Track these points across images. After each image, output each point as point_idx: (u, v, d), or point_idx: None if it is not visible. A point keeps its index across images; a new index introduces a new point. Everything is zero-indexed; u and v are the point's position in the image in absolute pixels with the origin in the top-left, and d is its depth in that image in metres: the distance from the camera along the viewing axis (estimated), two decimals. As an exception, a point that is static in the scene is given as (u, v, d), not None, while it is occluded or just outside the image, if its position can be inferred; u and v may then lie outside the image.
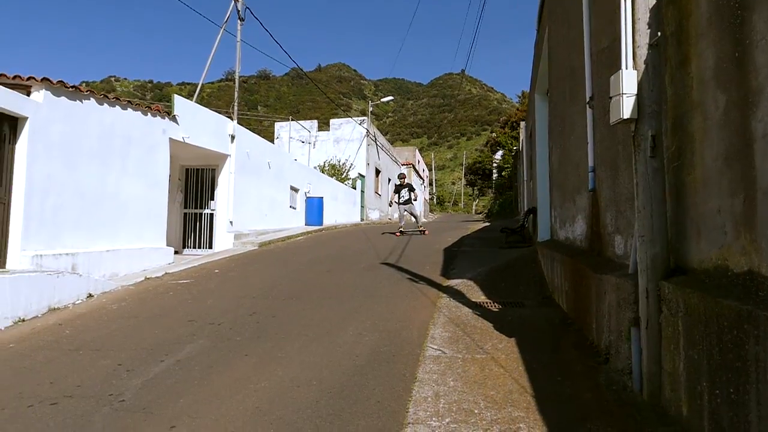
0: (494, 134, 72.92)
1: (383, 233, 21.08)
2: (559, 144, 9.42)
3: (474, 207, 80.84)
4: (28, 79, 9.71)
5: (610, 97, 4.47)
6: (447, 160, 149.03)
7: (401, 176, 20.40)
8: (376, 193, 39.11)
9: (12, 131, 9.32)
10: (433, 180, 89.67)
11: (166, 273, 11.81)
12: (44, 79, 9.82)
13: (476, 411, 4.47)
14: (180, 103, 14.47)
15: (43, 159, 9.72)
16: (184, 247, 17.18)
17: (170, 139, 13.71)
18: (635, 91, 4.27)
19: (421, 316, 7.78)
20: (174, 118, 13.93)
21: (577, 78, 7.50)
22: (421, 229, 20.50)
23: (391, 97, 49.74)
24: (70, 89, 10.42)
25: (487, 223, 29.89)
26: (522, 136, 27.99)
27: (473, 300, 8.58)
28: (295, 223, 22.80)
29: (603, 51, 5.94)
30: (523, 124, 29.07)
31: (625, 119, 4.29)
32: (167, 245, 13.64)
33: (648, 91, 4.23)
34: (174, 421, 4.63)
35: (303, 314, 8.18)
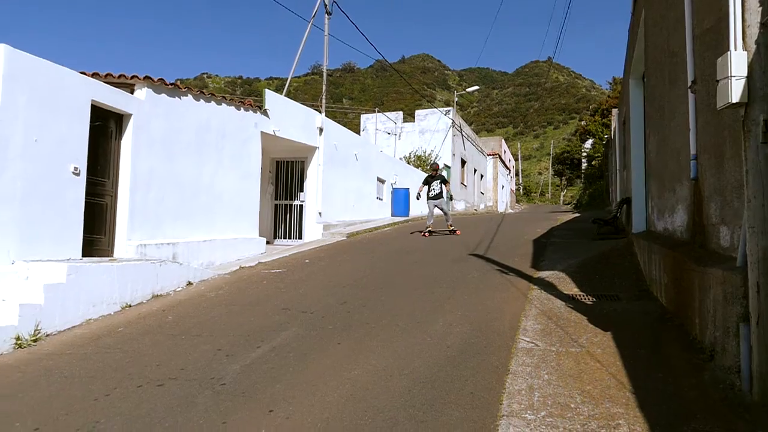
0: (583, 122, 70.86)
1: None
2: (657, 131, 9.02)
3: (561, 197, 78.91)
4: (132, 78, 10.24)
5: (717, 81, 4.24)
6: (533, 150, 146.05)
7: (433, 167, 17.56)
8: (461, 183, 38.87)
9: (118, 127, 9.86)
10: (519, 170, 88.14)
11: (259, 262, 12.19)
12: (146, 78, 10.33)
13: (572, 405, 4.38)
14: (271, 97, 14.88)
15: (145, 153, 10.24)
16: (274, 238, 17.68)
17: (262, 132, 14.12)
18: (745, 74, 4.03)
19: (512, 307, 7.67)
20: (265, 112, 14.32)
21: (677, 61, 7.15)
22: (451, 228, 17.35)
23: (476, 87, 49.22)
24: (170, 86, 10.91)
25: (577, 214, 29.10)
26: (614, 124, 27.00)
27: (565, 292, 8.38)
28: (381, 214, 23.00)
29: (707, 31, 5.64)
30: (615, 111, 28.04)
31: (733, 104, 4.07)
32: (259, 236, 14.09)
33: (759, 73, 3.98)
34: (272, 406, 4.78)
35: (392, 304, 8.25)
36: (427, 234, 16.74)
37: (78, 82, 8.83)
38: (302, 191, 17.55)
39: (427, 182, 17.17)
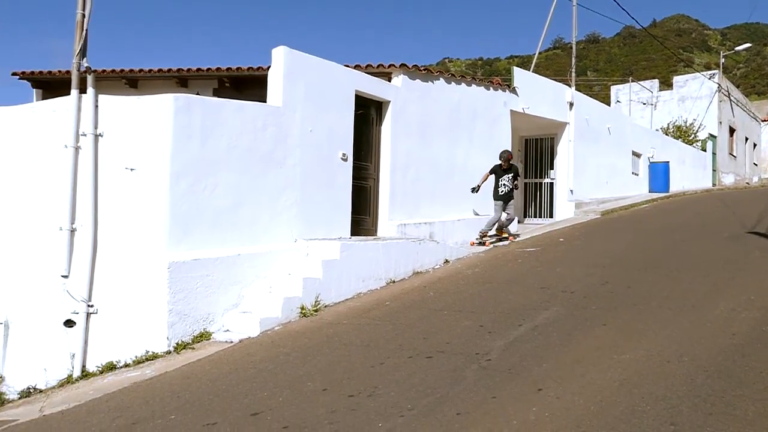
0: None
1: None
2: None
3: None
4: (389, 66, 10.81)
5: None
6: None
7: (505, 156, 12.20)
8: (730, 154, 34.76)
9: (378, 114, 10.50)
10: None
11: (511, 241, 12.17)
12: (402, 65, 10.83)
13: None
14: (519, 74, 14.69)
15: (402, 137, 10.77)
16: (525, 217, 17.51)
17: (511, 110, 14.02)
18: None
19: (811, 293, 6.68)
20: (514, 90, 14.19)
21: None
22: (504, 234, 12.56)
23: (747, 45, 43.51)
24: (423, 72, 11.32)
25: None
26: None
27: None
28: (636, 190, 21.51)
29: None
30: None
31: None
32: (510, 215, 14.06)
33: None
34: (540, 384, 4.73)
35: (660, 285, 7.67)
36: (478, 241, 12.12)
37: (343, 74, 9.57)
38: (552, 169, 17.10)
39: (496, 174, 12.21)
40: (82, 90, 7.19)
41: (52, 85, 12.62)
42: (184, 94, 7.51)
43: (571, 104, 16.72)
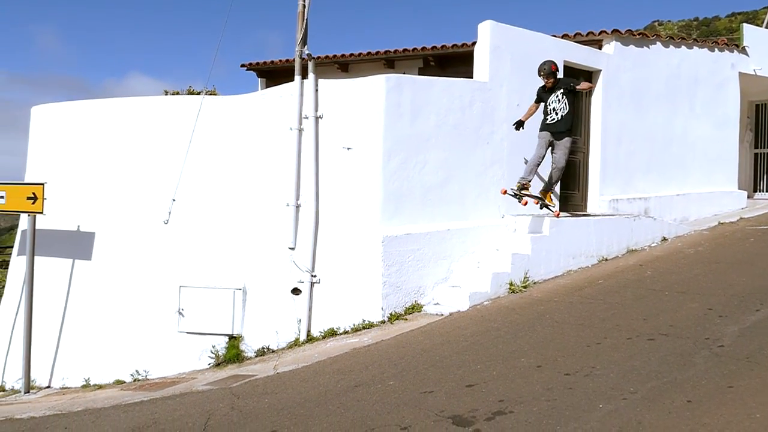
0: None
1: None
2: None
3: None
4: (600, 33, 10.23)
5: None
6: None
7: (546, 68, 7.97)
8: None
9: (587, 85, 10.01)
10: None
11: (740, 218, 11.01)
12: (614, 31, 10.19)
13: None
14: (749, 31, 13.13)
15: (614, 108, 10.17)
16: (755, 191, 15.70)
17: (739, 73, 12.60)
18: None
19: None
20: (743, 50, 12.71)
21: None
22: (549, 201, 8.31)
23: None
24: (637, 37, 10.57)
25: None
26: None
27: None
28: None
29: None
30: None
31: None
32: (738, 189, 12.71)
33: None
34: (785, 376, 4.25)
35: None
36: (517, 192, 7.84)
37: (551, 45, 9.24)
38: (789, 136, 15.12)
39: (540, 99, 8.14)
40: (304, 76, 7.73)
41: (273, 74, 13.71)
42: (394, 74, 7.78)
43: (816, 62, 14.58)
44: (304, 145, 7.67)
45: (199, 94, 9.81)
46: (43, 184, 7.93)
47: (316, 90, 7.65)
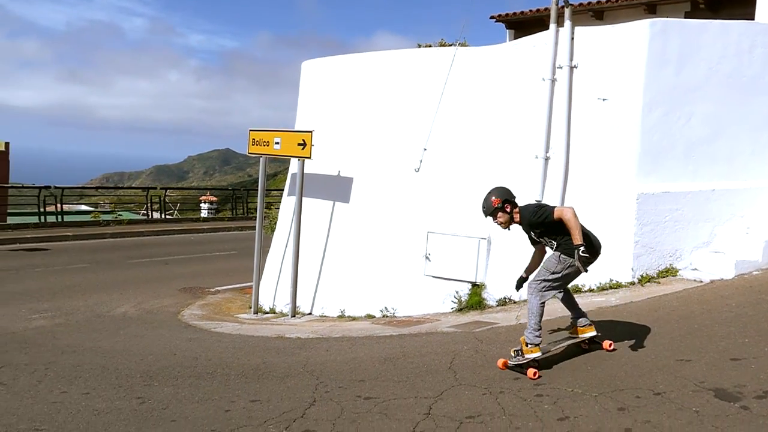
0: None
1: None
2: None
3: None
4: None
5: None
6: None
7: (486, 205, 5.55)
8: None
9: None
10: None
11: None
12: None
13: None
14: None
15: None
16: None
17: None
18: None
19: None
20: None
21: None
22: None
23: None
24: None
25: None
26: None
27: None
28: None
29: None
30: None
31: None
32: None
33: None
34: None
35: None
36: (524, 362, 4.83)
37: None
38: None
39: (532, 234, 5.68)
40: (559, 24, 7.46)
41: (523, 25, 13.44)
42: (660, 18, 7.17)
43: None
44: (556, 96, 7.44)
45: (451, 46, 9.95)
46: (311, 131, 8.75)
47: (572, 38, 7.34)
